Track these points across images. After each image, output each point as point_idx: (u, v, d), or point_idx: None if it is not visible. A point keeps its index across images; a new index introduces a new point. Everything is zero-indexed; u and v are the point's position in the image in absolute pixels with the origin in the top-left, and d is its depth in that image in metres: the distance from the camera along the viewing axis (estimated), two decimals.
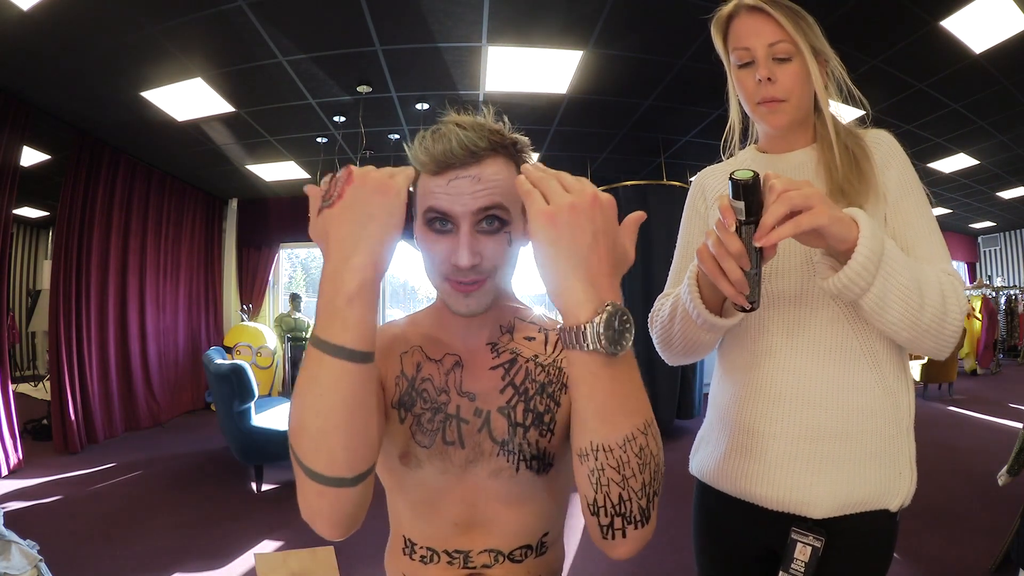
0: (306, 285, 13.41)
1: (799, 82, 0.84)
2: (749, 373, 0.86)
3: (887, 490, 0.80)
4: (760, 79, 0.84)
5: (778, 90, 0.84)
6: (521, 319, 0.75)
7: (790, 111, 0.86)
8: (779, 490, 0.80)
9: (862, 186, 0.82)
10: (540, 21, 3.11)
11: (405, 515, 0.74)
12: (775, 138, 0.93)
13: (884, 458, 0.80)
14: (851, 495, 0.79)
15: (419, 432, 0.70)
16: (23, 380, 7.15)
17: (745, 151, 1.00)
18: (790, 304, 0.84)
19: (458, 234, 0.62)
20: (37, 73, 3.45)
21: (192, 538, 2.61)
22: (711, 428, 0.95)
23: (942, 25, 3.12)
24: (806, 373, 0.81)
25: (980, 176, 6.46)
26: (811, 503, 0.79)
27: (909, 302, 0.69)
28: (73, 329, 4.36)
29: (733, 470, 0.86)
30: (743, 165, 0.94)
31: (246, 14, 2.91)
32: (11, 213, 3.78)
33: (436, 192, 0.63)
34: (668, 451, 2.32)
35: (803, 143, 0.92)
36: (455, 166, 0.62)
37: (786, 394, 0.82)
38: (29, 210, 7.33)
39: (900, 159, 0.86)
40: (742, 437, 0.86)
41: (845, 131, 0.88)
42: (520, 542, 0.71)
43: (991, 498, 2.84)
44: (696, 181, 1.04)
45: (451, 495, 0.70)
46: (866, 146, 0.86)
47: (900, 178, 0.85)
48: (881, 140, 0.88)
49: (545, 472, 0.70)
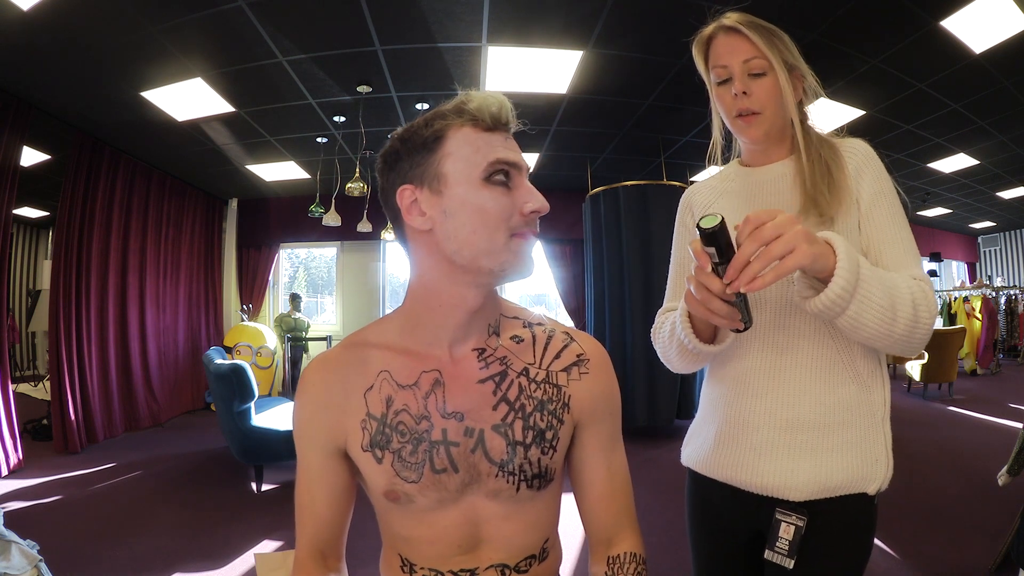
0: (306, 285, 13.40)
1: (773, 95, 0.89)
2: (735, 374, 0.94)
3: (864, 475, 0.85)
4: (736, 93, 0.90)
5: (753, 102, 0.90)
6: (505, 315, 0.73)
7: (764, 123, 0.91)
8: (762, 476, 0.88)
9: (833, 196, 0.88)
10: (540, 21, 3.12)
11: (400, 538, 0.71)
12: (755, 152, 0.99)
13: (860, 446, 0.86)
14: (829, 479, 0.85)
15: (403, 469, 0.65)
16: (23, 380, 7.15)
17: (729, 165, 1.07)
18: (771, 311, 0.91)
19: (522, 180, 0.64)
20: (37, 73, 3.45)
21: (192, 538, 2.61)
22: (702, 422, 1.01)
23: (942, 25, 3.12)
24: (785, 372, 0.89)
25: (980, 176, 6.46)
26: (791, 487, 0.85)
27: (883, 317, 0.74)
28: (73, 329, 4.36)
29: (721, 459, 0.93)
30: (726, 179, 1.04)
31: (246, 14, 2.91)
32: (11, 213, 3.77)
33: (498, 146, 0.63)
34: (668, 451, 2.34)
35: (781, 156, 0.97)
36: (503, 129, 0.64)
37: (768, 391, 0.89)
38: (29, 210, 7.33)
39: (874, 167, 0.90)
40: (728, 428, 0.93)
41: (819, 141, 0.93)
42: (525, 553, 0.70)
43: (991, 498, 2.84)
44: (683, 199, 1.11)
45: (449, 522, 0.67)
46: (840, 155, 0.91)
47: (873, 186, 0.89)
48: (856, 149, 0.92)
49: (546, 487, 0.69)
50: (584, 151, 5.44)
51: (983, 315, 7.95)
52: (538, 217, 0.64)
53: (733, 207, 1.00)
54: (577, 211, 6.12)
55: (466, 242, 0.61)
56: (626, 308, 4.73)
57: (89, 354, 4.50)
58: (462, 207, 0.61)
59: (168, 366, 5.69)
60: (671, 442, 4.47)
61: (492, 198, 0.61)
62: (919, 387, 6.27)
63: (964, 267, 10.93)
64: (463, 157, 0.62)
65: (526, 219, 0.63)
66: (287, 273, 9.32)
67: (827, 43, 3.30)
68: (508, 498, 0.67)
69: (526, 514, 0.69)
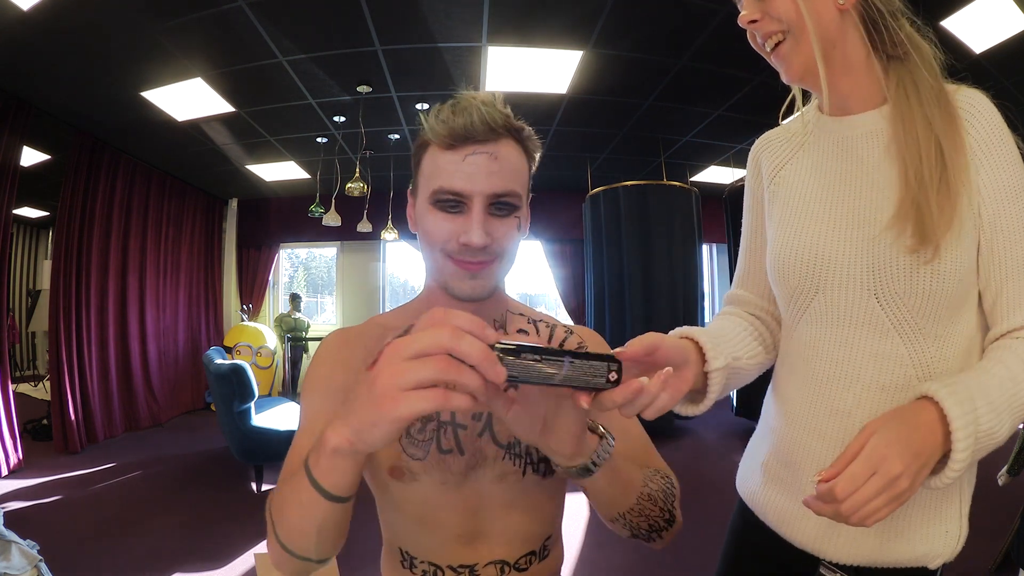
0: (306, 285, 13.41)
1: (792, 13, 0.64)
2: (796, 399, 0.76)
3: (928, 550, 0.67)
4: (742, 23, 0.68)
5: (769, 23, 0.66)
6: (511, 311, 0.76)
7: (797, 50, 0.66)
8: (805, 536, 0.73)
9: (945, 204, 0.61)
10: (540, 21, 3.11)
11: (400, 528, 0.70)
12: (827, 97, 0.71)
13: (928, 512, 0.68)
14: (882, 551, 0.68)
15: (410, 445, 0.66)
16: (23, 380, 7.15)
17: (810, 106, 0.80)
18: (842, 324, 0.70)
19: (469, 214, 0.62)
20: (37, 73, 3.45)
21: (192, 538, 2.61)
22: (758, 439, 0.87)
23: (942, 25, 3.12)
24: (850, 411, 0.69)
25: None
26: (835, 554, 0.71)
27: (1014, 426, 0.58)
28: (73, 329, 4.36)
29: (768, 502, 0.79)
30: (805, 130, 0.78)
31: (246, 14, 2.91)
32: (11, 213, 3.77)
33: (449, 170, 0.61)
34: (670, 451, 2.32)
35: (864, 101, 0.71)
36: (473, 141, 0.61)
37: (828, 432, 0.71)
38: (29, 210, 7.33)
39: (1003, 143, 0.64)
40: (775, 464, 0.78)
41: (924, 87, 0.65)
42: (525, 549, 0.70)
43: (991, 498, 2.84)
44: (752, 154, 0.87)
45: (451, 506, 0.66)
46: (959, 125, 0.64)
47: (1001, 178, 0.63)
48: (977, 110, 0.65)
49: (551, 474, 0.69)
50: (584, 151, 5.44)
51: None
52: (475, 248, 0.61)
53: (815, 176, 0.75)
54: (577, 211, 6.12)
55: (424, 255, 0.68)
56: (626, 308, 4.73)
57: (89, 354, 4.50)
58: (419, 223, 0.67)
59: (168, 366, 5.69)
60: (672, 442, 4.47)
61: (434, 221, 0.64)
62: None
63: None
64: (425, 175, 0.65)
65: (459, 248, 0.63)
66: (287, 273, 9.32)
67: None
68: (514, 483, 0.67)
69: (529, 506, 0.69)
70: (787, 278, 0.74)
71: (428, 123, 0.64)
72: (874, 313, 0.67)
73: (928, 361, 0.66)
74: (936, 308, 0.65)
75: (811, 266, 0.71)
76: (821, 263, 0.70)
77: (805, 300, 0.73)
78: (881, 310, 0.67)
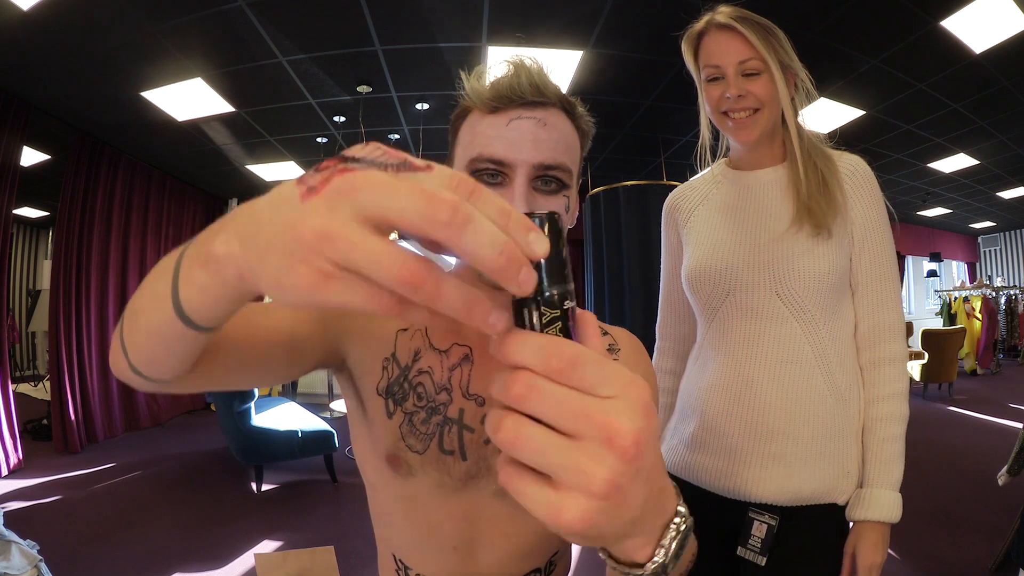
0: None
1: (769, 95, 0.86)
2: (713, 375, 0.94)
3: (833, 487, 0.86)
4: (730, 96, 0.86)
5: (751, 100, 0.86)
6: None
7: (760, 123, 0.87)
8: (734, 484, 0.89)
9: (830, 207, 0.85)
10: (540, 21, 3.11)
11: (394, 531, 0.65)
12: (745, 154, 0.96)
13: (831, 458, 0.86)
14: (799, 490, 0.86)
15: (410, 434, 0.60)
16: (23, 380, 7.15)
17: (716, 165, 1.04)
18: (749, 317, 0.90)
19: (510, 186, 0.53)
20: (37, 73, 3.44)
21: (192, 538, 2.61)
22: (679, 420, 1.02)
23: (942, 25, 3.11)
24: (760, 380, 0.88)
25: (980, 176, 6.45)
26: (762, 496, 0.87)
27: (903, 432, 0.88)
28: (73, 329, 4.35)
29: (694, 464, 0.95)
30: (714, 181, 1.01)
31: (246, 14, 2.91)
32: (11, 213, 3.77)
33: (490, 134, 0.53)
34: None
35: (772, 160, 0.94)
36: (520, 104, 0.53)
37: (743, 396, 0.89)
38: (29, 210, 7.33)
39: (870, 193, 0.88)
40: (702, 432, 0.93)
41: (814, 148, 0.90)
42: (530, 567, 0.64)
43: (991, 498, 2.84)
44: (667, 205, 1.11)
45: (447, 513, 0.61)
46: (837, 171, 0.88)
47: (867, 216, 0.88)
48: (855, 170, 0.89)
49: None
50: None
51: (983, 315, 7.95)
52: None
53: (722, 212, 0.97)
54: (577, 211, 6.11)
55: None
56: (625, 308, 4.73)
57: (89, 354, 4.50)
58: None
59: None
60: None
61: None
62: (919, 387, 6.27)
63: (964, 267, 10.92)
64: (462, 145, 0.57)
65: None
66: None
67: (827, 43, 3.30)
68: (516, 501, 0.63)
69: (534, 521, 0.65)
70: (703, 284, 0.95)
71: (469, 84, 0.56)
72: (776, 307, 0.88)
73: (819, 340, 0.87)
74: (824, 294, 0.86)
75: (722, 273, 0.92)
76: (730, 271, 0.91)
77: (718, 301, 0.93)
78: (782, 304, 0.88)
